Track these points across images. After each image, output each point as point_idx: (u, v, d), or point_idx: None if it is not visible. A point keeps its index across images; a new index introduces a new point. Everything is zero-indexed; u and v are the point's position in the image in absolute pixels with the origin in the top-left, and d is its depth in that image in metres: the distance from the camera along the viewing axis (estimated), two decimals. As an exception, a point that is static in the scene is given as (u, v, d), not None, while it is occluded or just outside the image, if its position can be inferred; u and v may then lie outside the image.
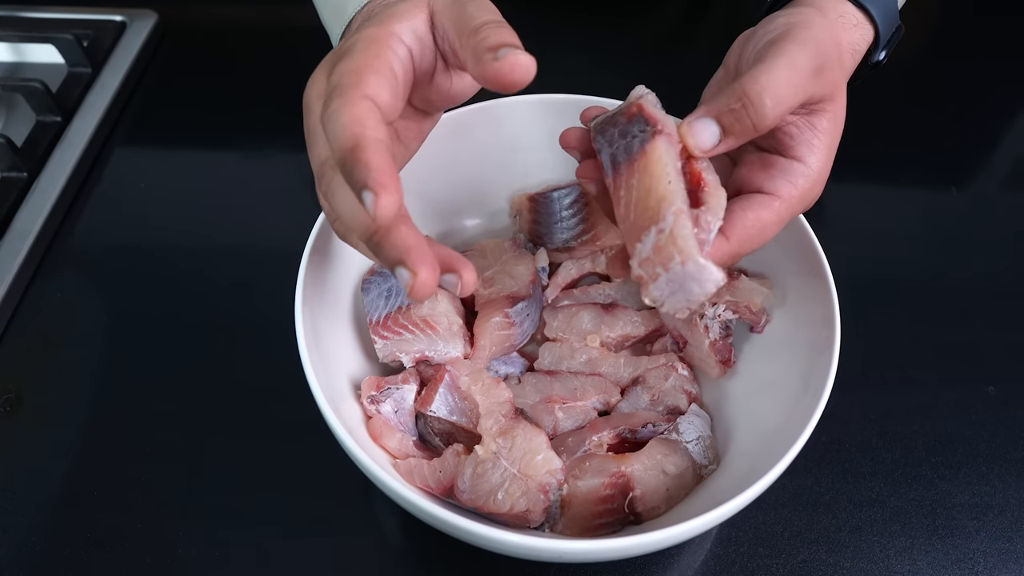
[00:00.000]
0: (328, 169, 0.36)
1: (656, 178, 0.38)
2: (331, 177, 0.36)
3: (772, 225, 0.41)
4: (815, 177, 0.42)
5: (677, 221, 0.37)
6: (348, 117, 0.33)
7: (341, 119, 0.33)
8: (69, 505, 0.50)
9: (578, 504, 0.43)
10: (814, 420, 0.40)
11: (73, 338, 0.58)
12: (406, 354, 0.48)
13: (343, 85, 0.34)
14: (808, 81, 0.39)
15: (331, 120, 0.34)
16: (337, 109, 0.34)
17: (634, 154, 0.39)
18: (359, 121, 0.33)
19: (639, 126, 0.39)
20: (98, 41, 0.77)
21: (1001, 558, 0.49)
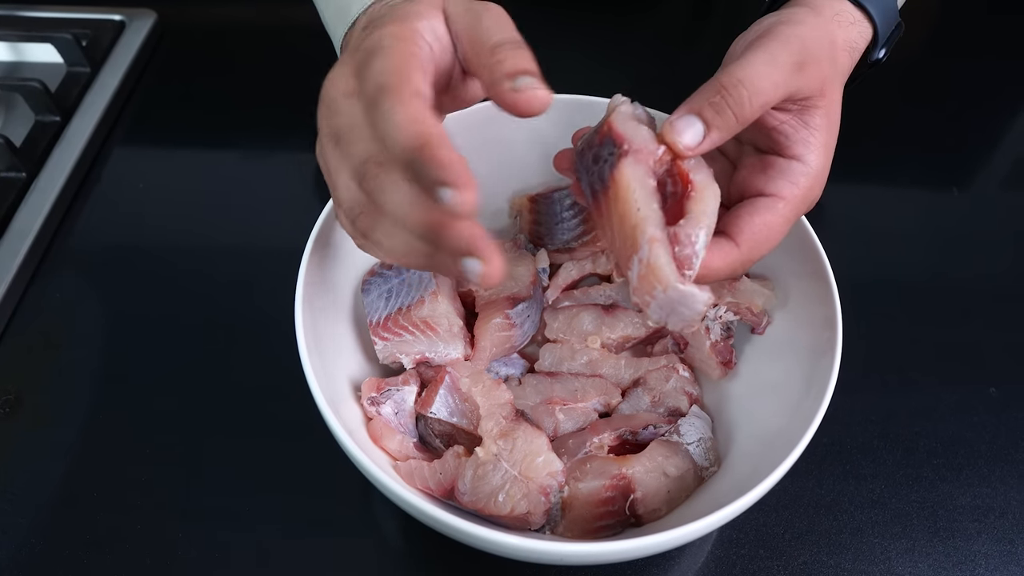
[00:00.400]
0: (373, 166, 0.36)
1: (626, 204, 0.37)
2: (376, 174, 0.35)
3: (779, 227, 0.41)
4: (815, 174, 0.42)
5: (652, 250, 0.36)
6: (407, 115, 0.33)
7: (398, 117, 0.33)
8: (69, 506, 0.50)
9: (579, 506, 0.43)
10: (816, 422, 0.40)
11: (73, 338, 0.58)
12: (406, 355, 0.48)
13: (389, 84, 0.34)
14: (788, 76, 0.39)
15: (387, 119, 0.33)
16: (392, 108, 0.33)
17: (605, 181, 0.38)
18: (420, 119, 0.33)
19: (608, 148, 0.39)
20: (97, 41, 0.77)
21: (1003, 560, 0.49)
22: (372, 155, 0.36)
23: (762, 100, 0.39)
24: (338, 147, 0.38)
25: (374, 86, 0.35)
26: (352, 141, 0.36)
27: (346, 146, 0.37)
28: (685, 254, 0.37)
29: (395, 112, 0.33)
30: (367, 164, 0.36)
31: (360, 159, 0.36)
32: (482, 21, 0.38)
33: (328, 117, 0.38)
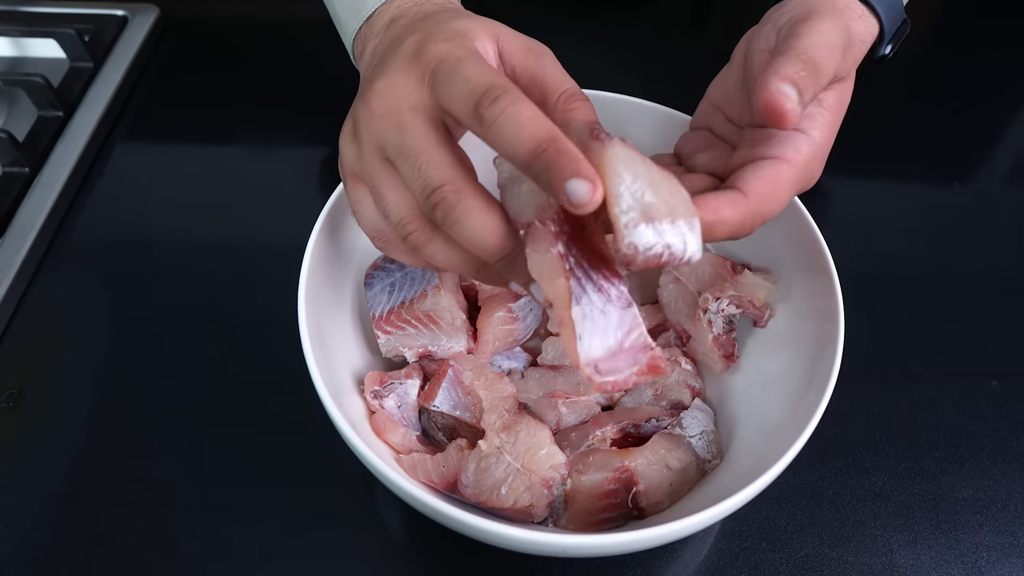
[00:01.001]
0: (451, 194, 0.35)
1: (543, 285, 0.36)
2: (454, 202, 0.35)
3: (784, 186, 0.40)
4: (817, 148, 0.41)
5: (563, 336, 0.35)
6: (529, 113, 0.34)
7: (521, 117, 0.33)
8: (72, 500, 0.50)
9: (582, 499, 0.43)
10: (818, 415, 0.40)
11: (75, 333, 0.58)
12: (409, 349, 0.48)
13: (499, 84, 0.34)
14: (839, 56, 0.40)
15: (510, 120, 0.33)
16: (510, 106, 0.33)
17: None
18: (540, 115, 0.34)
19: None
20: (99, 36, 0.77)
21: (1004, 552, 0.49)
22: (448, 181, 0.35)
23: (827, 78, 0.40)
24: (395, 165, 0.37)
25: (480, 84, 0.34)
26: (425, 164, 0.36)
27: (413, 168, 0.36)
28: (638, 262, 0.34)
29: (518, 111, 0.33)
30: (442, 190, 0.35)
31: (435, 183, 0.36)
32: (546, 67, 0.40)
33: (386, 131, 0.37)
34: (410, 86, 0.37)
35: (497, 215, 0.36)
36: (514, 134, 0.33)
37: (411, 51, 0.38)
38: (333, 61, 0.47)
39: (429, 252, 0.38)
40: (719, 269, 0.50)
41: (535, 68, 0.40)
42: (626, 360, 0.36)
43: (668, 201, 0.34)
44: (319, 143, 0.70)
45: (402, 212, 0.38)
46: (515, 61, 0.40)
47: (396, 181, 0.38)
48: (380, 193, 0.38)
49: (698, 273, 0.50)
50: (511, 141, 0.34)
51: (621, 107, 0.53)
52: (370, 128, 0.38)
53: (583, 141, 0.34)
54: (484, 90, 0.34)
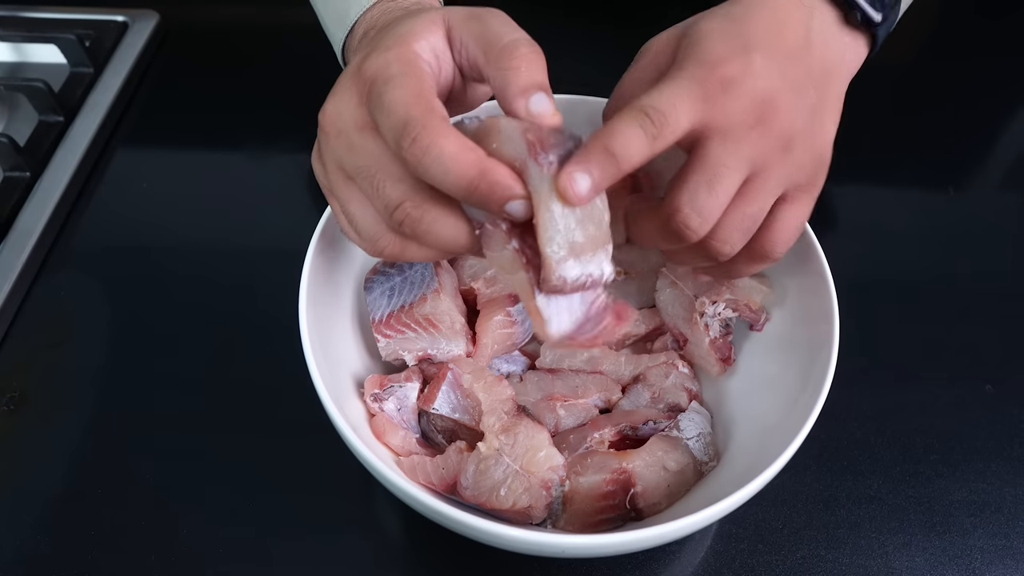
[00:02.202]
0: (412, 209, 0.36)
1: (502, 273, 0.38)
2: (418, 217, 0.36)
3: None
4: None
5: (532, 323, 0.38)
6: (457, 145, 0.34)
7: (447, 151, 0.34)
8: (73, 503, 0.50)
9: (580, 500, 0.43)
10: (813, 417, 0.41)
11: (76, 337, 0.59)
12: (409, 352, 0.48)
13: (414, 116, 0.34)
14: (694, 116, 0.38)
15: (435, 161, 0.34)
16: (430, 145, 0.34)
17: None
18: (469, 146, 0.34)
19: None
20: (100, 41, 0.78)
21: (998, 555, 0.49)
22: (407, 197, 0.36)
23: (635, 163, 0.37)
24: (355, 183, 0.38)
25: (398, 121, 0.34)
26: (381, 183, 0.36)
27: (371, 187, 0.37)
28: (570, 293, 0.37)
29: (444, 147, 0.34)
30: (403, 208, 0.36)
31: (394, 202, 0.36)
32: (490, 25, 0.38)
33: (339, 151, 0.38)
34: (352, 105, 0.37)
35: (462, 217, 0.37)
36: (442, 175, 0.34)
37: (353, 69, 0.38)
38: (331, 66, 0.48)
39: (408, 256, 0.39)
40: (716, 273, 0.51)
41: (479, 31, 0.38)
42: (593, 322, 0.38)
43: (593, 234, 0.36)
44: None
45: (371, 229, 0.39)
46: (462, 33, 0.39)
47: (360, 198, 0.39)
48: (348, 211, 0.39)
49: (694, 277, 0.51)
50: (441, 181, 0.34)
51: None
52: (327, 149, 0.39)
53: (520, 157, 0.35)
54: (402, 128, 0.34)
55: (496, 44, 0.37)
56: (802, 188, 0.42)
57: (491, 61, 0.37)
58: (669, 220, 0.39)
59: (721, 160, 0.38)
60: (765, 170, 0.39)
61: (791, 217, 0.42)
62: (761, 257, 0.43)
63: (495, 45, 0.37)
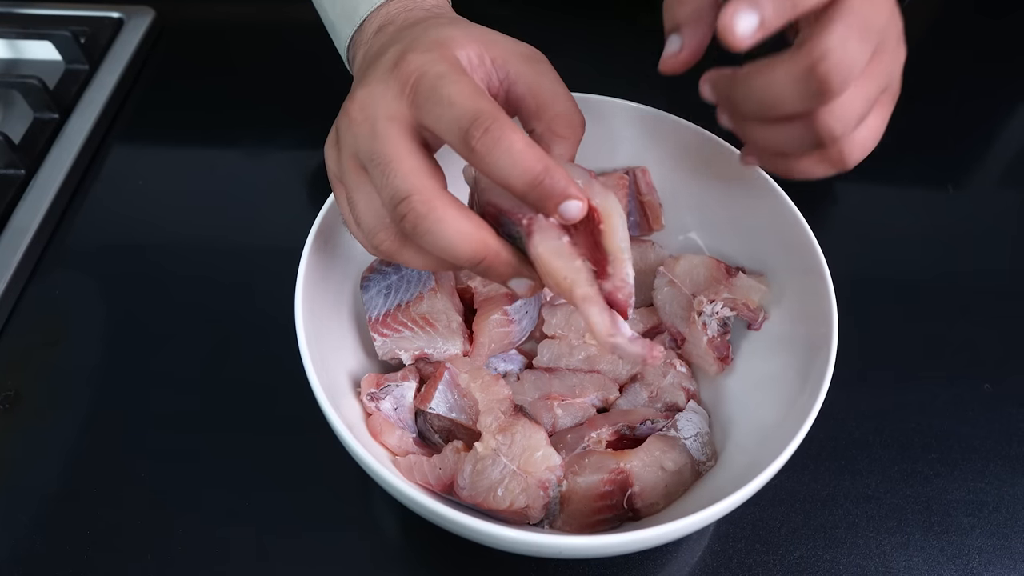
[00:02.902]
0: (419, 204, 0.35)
1: (553, 276, 0.37)
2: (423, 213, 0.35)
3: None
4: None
5: (585, 310, 0.36)
6: (523, 143, 0.34)
7: (517, 146, 0.34)
8: (68, 502, 0.50)
9: (577, 500, 0.43)
10: (811, 417, 0.41)
11: (71, 335, 0.58)
12: (405, 351, 0.48)
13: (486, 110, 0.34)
14: None
15: (504, 154, 0.34)
16: (501, 137, 0.34)
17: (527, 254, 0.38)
18: (532, 145, 0.35)
19: (510, 226, 0.38)
20: (95, 38, 0.77)
21: (996, 554, 0.49)
22: (417, 191, 0.36)
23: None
24: (366, 173, 0.38)
25: (466, 111, 0.34)
26: (394, 172, 0.36)
27: (382, 176, 0.36)
28: (621, 298, 0.37)
29: (513, 141, 0.34)
30: (410, 200, 0.36)
31: (402, 193, 0.36)
32: (547, 78, 0.40)
33: (360, 137, 0.37)
34: (389, 97, 0.37)
35: (469, 222, 0.36)
36: (509, 168, 0.34)
37: (391, 62, 0.38)
38: (329, 64, 0.48)
39: (404, 258, 0.39)
40: (713, 272, 0.50)
41: (532, 78, 0.40)
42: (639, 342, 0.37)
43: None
44: (315, 146, 0.69)
45: (371, 221, 0.38)
46: (510, 67, 0.40)
47: (368, 189, 0.38)
48: (353, 200, 0.39)
49: (692, 276, 0.51)
50: (506, 174, 0.34)
51: (612, 109, 0.53)
52: (347, 135, 0.38)
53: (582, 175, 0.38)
54: (472, 119, 0.34)
55: (552, 104, 0.40)
56: (890, 91, 0.41)
57: (543, 119, 0.40)
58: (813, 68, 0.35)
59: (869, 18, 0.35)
60: (883, 52, 0.38)
61: (876, 120, 0.41)
62: (836, 160, 0.41)
63: (551, 104, 0.40)
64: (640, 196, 0.54)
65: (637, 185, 0.54)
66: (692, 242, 0.55)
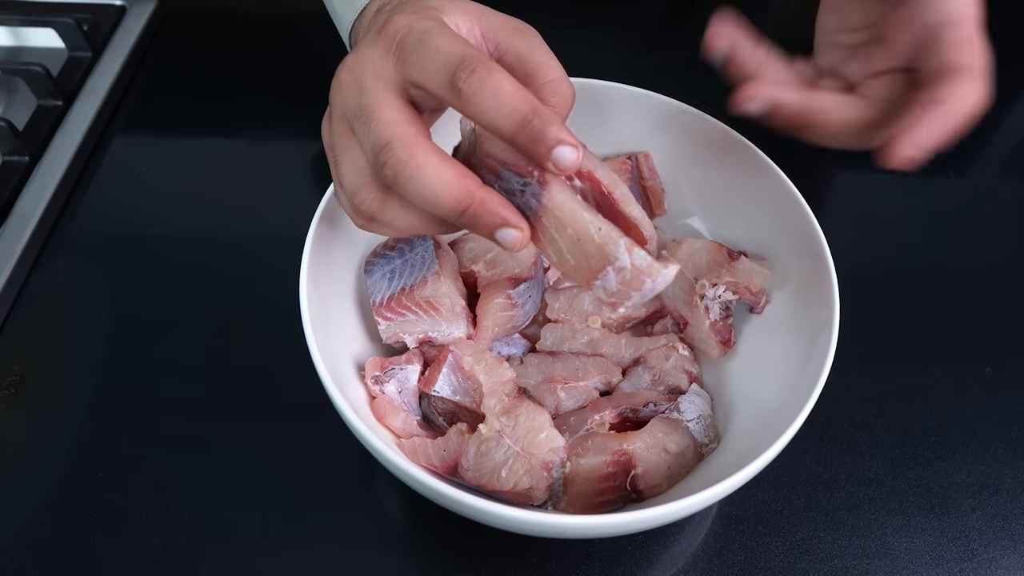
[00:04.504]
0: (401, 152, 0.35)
1: (581, 228, 0.36)
2: (405, 158, 0.35)
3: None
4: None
5: (633, 254, 0.36)
6: (511, 85, 0.34)
7: (504, 87, 0.34)
8: (74, 486, 0.50)
9: (581, 482, 0.43)
10: (812, 400, 0.41)
11: (76, 321, 0.59)
12: (409, 335, 0.48)
13: (470, 56, 0.34)
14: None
15: (490, 94, 0.34)
16: (487, 78, 0.34)
17: (536, 211, 0.37)
18: (520, 87, 0.34)
19: (517, 180, 0.37)
20: (98, 25, 0.77)
21: (996, 536, 0.49)
22: (398, 137, 0.35)
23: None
24: (352, 125, 0.37)
25: (453, 57, 0.34)
26: (376, 121, 0.36)
27: (365, 127, 0.36)
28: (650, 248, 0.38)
29: (499, 81, 0.34)
30: (391, 147, 0.35)
31: (383, 139, 0.35)
32: (536, 49, 0.40)
33: (347, 95, 0.37)
34: (376, 57, 0.37)
35: (452, 169, 0.35)
36: (496, 109, 0.34)
37: (378, 27, 0.38)
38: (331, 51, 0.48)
39: (387, 219, 0.38)
40: (716, 256, 0.51)
41: (523, 48, 0.40)
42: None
43: None
44: (318, 135, 0.70)
45: (354, 180, 0.38)
46: (500, 39, 0.40)
47: (353, 149, 0.38)
48: (338, 163, 0.39)
49: (695, 260, 0.51)
50: (494, 115, 0.34)
51: (614, 94, 0.54)
52: (336, 99, 0.38)
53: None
54: (458, 62, 0.34)
55: (542, 73, 0.39)
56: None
57: (532, 87, 0.39)
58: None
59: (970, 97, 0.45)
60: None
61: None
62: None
63: (540, 74, 0.39)
64: (642, 181, 0.54)
65: (639, 170, 0.54)
66: (694, 226, 0.56)
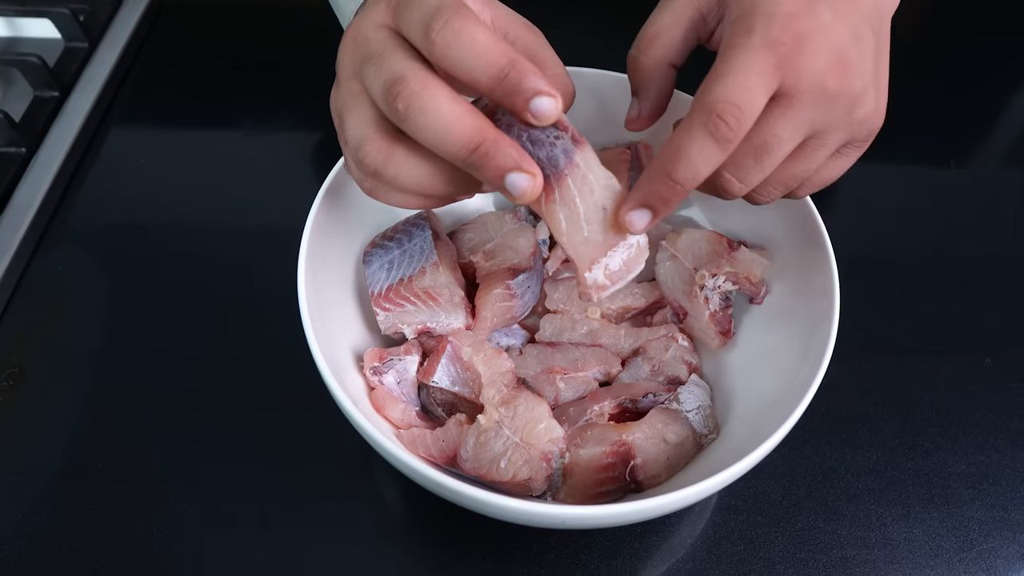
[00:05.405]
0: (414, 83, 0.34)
1: (609, 195, 0.36)
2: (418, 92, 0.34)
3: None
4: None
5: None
6: (487, 36, 0.33)
7: (480, 38, 0.33)
8: (74, 477, 0.50)
9: (580, 472, 0.43)
10: (812, 390, 0.41)
11: (75, 312, 0.58)
12: (408, 326, 0.48)
13: (448, 4, 0.34)
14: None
15: (466, 45, 0.33)
16: (463, 29, 0.33)
17: (561, 168, 0.36)
18: (497, 39, 0.34)
19: (550, 131, 0.37)
20: (94, 15, 0.77)
21: (995, 526, 0.49)
22: (410, 71, 0.34)
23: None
24: (361, 75, 0.36)
25: (430, 8, 0.34)
26: (387, 60, 0.35)
27: (375, 69, 0.35)
28: None
29: (476, 32, 0.33)
30: (404, 80, 0.34)
31: (396, 74, 0.34)
32: (542, 46, 0.41)
33: (354, 51, 0.37)
34: (378, 11, 0.37)
35: (465, 105, 0.35)
36: (471, 61, 0.33)
37: None
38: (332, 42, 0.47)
39: (392, 172, 0.37)
40: (715, 246, 0.50)
41: (530, 41, 0.40)
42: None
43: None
44: (316, 124, 0.70)
45: (359, 132, 0.37)
46: (510, 28, 0.40)
47: (360, 103, 0.37)
48: (344, 121, 0.38)
49: (694, 250, 0.51)
50: (469, 67, 0.33)
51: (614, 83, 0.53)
52: (343, 61, 0.38)
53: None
54: (435, 11, 0.33)
55: (548, 67, 0.40)
56: (856, 143, 0.40)
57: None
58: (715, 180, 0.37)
59: (776, 130, 0.36)
60: (826, 132, 0.38)
61: (833, 169, 0.41)
62: (788, 195, 0.42)
63: (547, 67, 0.40)
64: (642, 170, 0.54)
65: (639, 160, 0.54)
66: (694, 216, 0.55)
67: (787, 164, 0.38)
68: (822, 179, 0.41)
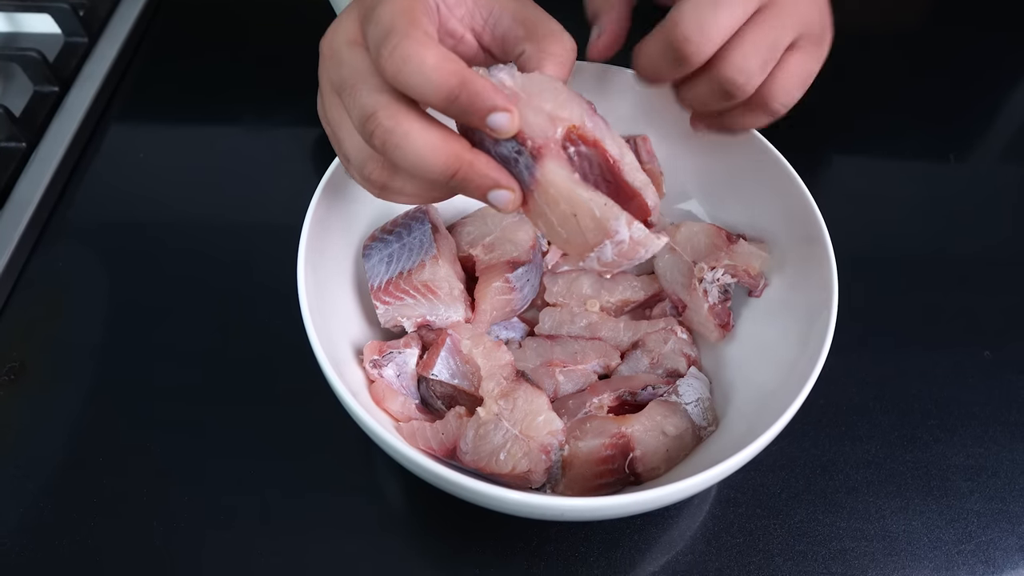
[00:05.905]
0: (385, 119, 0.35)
1: (578, 205, 0.36)
2: (389, 128, 0.34)
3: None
4: None
5: (632, 228, 0.36)
6: (438, 55, 0.33)
7: (428, 61, 0.33)
8: (75, 471, 0.50)
9: (579, 464, 0.43)
10: (811, 382, 0.41)
11: (75, 307, 0.59)
12: (407, 319, 0.48)
13: (398, 27, 0.34)
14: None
15: (415, 70, 0.33)
16: (411, 55, 0.33)
17: (528, 184, 0.37)
18: (450, 57, 0.33)
19: (511, 145, 0.37)
20: (94, 10, 0.77)
21: (994, 518, 0.49)
22: (381, 107, 0.35)
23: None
24: (340, 99, 0.37)
25: (382, 30, 0.34)
26: (358, 92, 0.35)
27: (350, 99, 0.36)
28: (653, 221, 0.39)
29: (425, 54, 0.33)
30: (375, 117, 0.35)
31: (368, 110, 0.35)
32: (531, 8, 0.40)
33: (330, 68, 0.37)
34: (348, 24, 0.37)
35: (436, 132, 0.35)
36: (423, 84, 0.33)
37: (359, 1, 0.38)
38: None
39: (398, 185, 0.38)
40: (714, 239, 0.51)
41: (517, 8, 0.40)
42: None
43: None
44: (316, 120, 0.70)
45: (358, 153, 0.38)
46: (494, 4, 0.40)
47: (349, 123, 0.38)
48: (338, 136, 0.39)
49: (693, 243, 0.51)
50: (421, 91, 0.34)
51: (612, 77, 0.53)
52: (323, 73, 0.39)
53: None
54: (385, 34, 0.34)
55: (540, 27, 0.39)
56: (811, 39, 0.41)
57: (533, 40, 0.39)
58: (669, 35, 0.38)
59: None
60: (776, 5, 0.39)
61: (797, 65, 0.42)
62: (761, 106, 0.42)
63: (539, 28, 0.39)
64: (641, 164, 0.54)
65: (638, 153, 0.54)
66: (693, 209, 0.55)
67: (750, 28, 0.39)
68: (789, 78, 0.42)
